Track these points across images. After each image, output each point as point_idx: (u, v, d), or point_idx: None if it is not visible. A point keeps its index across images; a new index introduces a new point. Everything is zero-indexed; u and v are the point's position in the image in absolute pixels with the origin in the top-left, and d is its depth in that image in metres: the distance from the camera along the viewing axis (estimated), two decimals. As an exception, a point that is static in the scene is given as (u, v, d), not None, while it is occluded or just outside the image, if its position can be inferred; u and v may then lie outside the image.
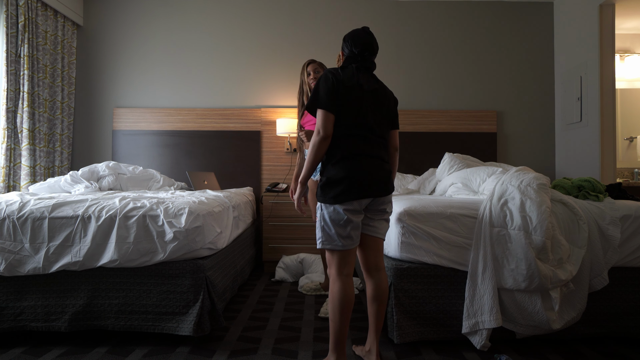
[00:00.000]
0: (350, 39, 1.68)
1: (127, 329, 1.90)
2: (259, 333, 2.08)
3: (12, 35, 3.14)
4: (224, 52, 3.97)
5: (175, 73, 3.96)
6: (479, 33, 4.01)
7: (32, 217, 1.91)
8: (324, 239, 1.57)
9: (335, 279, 1.57)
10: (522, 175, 2.04)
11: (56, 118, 3.62)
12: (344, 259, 1.58)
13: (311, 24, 3.98)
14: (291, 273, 3.19)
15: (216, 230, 2.16)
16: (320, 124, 1.53)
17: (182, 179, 3.81)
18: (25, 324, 1.90)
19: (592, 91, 3.42)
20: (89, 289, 1.92)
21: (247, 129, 3.89)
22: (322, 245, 1.57)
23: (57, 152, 3.63)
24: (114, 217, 1.90)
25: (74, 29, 3.86)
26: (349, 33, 1.71)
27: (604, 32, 3.32)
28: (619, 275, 1.94)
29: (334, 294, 1.56)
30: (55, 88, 3.61)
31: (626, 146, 4.13)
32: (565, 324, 1.82)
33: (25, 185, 3.20)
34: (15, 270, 1.88)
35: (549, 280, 1.75)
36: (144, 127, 3.89)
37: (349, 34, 1.70)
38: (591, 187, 2.14)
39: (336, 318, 1.55)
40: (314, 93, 1.59)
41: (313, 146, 1.53)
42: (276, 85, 3.96)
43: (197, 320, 1.84)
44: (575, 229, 1.92)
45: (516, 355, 1.82)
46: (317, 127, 1.53)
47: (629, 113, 4.14)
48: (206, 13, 3.98)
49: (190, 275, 1.90)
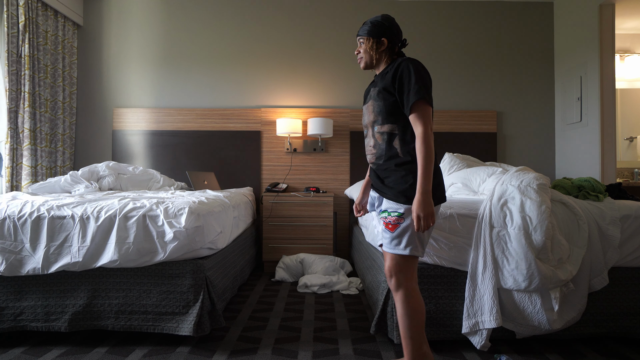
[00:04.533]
0: (394, 27, 1.57)
1: (127, 329, 1.90)
2: (259, 333, 2.08)
3: (12, 35, 3.15)
4: (224, 52, 3.97)
5: (176, 73, 3.96)
6: (479, 33, 4.01)
7: (32, 217, 1.91)
8: (414, 245, 1.46)
9: (415, 290, 1.49)
10: (522, 175, 2.04)
11: (58, 118, 3.62)
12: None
13: (311, 24, 3.98)
14: (291, 273, 3.19)
15: (216, 230, 2.16)
16: (429, 120, 1.43)
17: (182, 179, 3.81)
18: (25, 324, 1.90)
19: (592, 91, 3.42)
20: (89, 289, 1.92)
21: (247, 129, 3.90)
22: (410, 252, 1.45)
23: (59, 152, 3.63)
24: (113, 218, 1.90)
25: (75, 29, 3.86)
26: (388, 19, 1.58)
27: (604, 32, 3.32)
28: (619, 275, 1.94)
29: (419, 306, 1.48)
30: (57, 88, 3.61)
31: (626, 146, 4.13)
32: (565, 324, 1.81)
33: (27, 185, 3.21)
34: (16, 270, 1.88)
35: (549, 280, 1.75)
36: (144, 127, 3.89)
37: (389, 20, 1.58)
38: (591, 187, 2.14)
39: (420, 331, 1.47)
40: (421, 81, 1.44)
41: (431, 147, 1.40)
42: (276, 85, 3.96)
43: (197, 320, 1.84)
44: (575, 229, 1.92)
45: (516, 355, 1.82)
46: (428, 124, 1.42)
47: (629, 113, 4.14)
48: (206, 13, 3.98)
49: (190, 275, 1.90)
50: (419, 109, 1.43)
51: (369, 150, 1.60)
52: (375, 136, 1.55)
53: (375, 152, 1.56)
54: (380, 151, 1.54)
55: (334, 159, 3.89)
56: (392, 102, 1.49)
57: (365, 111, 1.60)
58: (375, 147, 1.56)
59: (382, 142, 1.53)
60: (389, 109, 1.50)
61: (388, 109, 1.50)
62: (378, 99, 1.52)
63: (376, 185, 1.58)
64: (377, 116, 1.53)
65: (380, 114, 1.52)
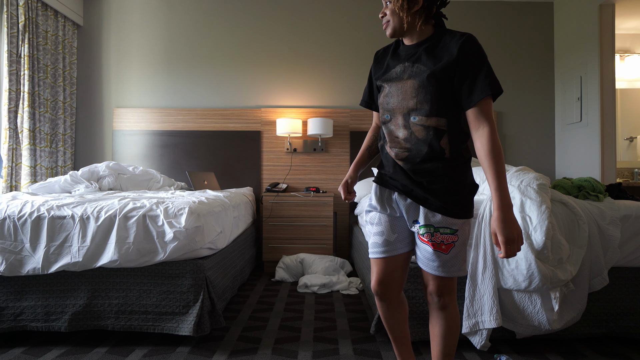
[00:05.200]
0: None
1: (127, 329, 1.90)
2: (259, 333, 2.08)
3: (12, 35, 3.15)
4: (224, 52, 3.97)
5: (176, 73, 3.96)
6: (479, 33, 4.01)
7: (32, 217, 1.91)
8: (464, 260, 1.24)
9: (457, 306, 1.30)
10: (522, 175, 2.04)
11: (58, 118, 3.62)
12: None
13: (311, 24, 3.98)
14: (291, 273, 3.19)
15: (216, 230, 2.16)
16: (492, 115, 1.14)
17: (182, 179, 3.81)
18: (25, 324, 1.90)
19: (592, 91, 3.42)
20: (89, 289, 1.92)
21: (247, 129, 3.90)
22: (465, 271, 1.26)
23: (59, 152, 3.63)
24: (113, 218, 1.90)
25: (74, 29, 3.86)
26: None
27: (604, 32, 3.32)
28: (619, 275, 1.94)
29: (458, 324, 1.31)
30: (57, 88, 3.61)
31: (626, 146, 4.13)
32: (565, 324, 1.81)
33: (26, 185, 3.21)
34: (16, 270, 1.88)
35: (549, 280, 1.75)
36: (144, 127, 3.89)
37: None
38: (591, 187, 2.14)
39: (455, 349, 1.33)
40: (491, 70, 1.13)
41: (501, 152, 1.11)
42: (276, 85, 3.96)
43: (197, 320, 1.84)
44: (575, 229, 1.92)
45: (516, 355, 1.82)
46: (492, 120, 1.12)
47: (629, 113, 4.14)
48: (206, 13, 3.98)
49: (190, 275, 1.90)
50: (486, 105, 1.12)
51: (396, 143, 1.24)
52: (411, 127, 1.19)
53: (410, 148, 1.21)
54: (418, 148, 1.19)
55: (334, 159, 3.89)
56: (447, 89, 1.15)
57: (396, 92, 1.22)
58: (408, 141, 1.21)
59: (423, 137, 1.18)
60: (442, 98, 1.15)
61: (441, 98, 1.15)
62: (429, 82, 1.15)
63: (411, 190, 1.23)
64: (422, 104, 1.17)
65: (428, 103, 1.16)
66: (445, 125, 1.17)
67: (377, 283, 1.32)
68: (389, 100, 1.25)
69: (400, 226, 1.30)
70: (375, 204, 1.33)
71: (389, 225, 1.30)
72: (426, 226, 1.21)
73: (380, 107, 1.29)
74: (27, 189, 3.14)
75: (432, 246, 1.20)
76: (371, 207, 1.36)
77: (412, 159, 1.21)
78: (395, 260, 1.31)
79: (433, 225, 1.20)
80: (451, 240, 1.20)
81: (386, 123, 1.27)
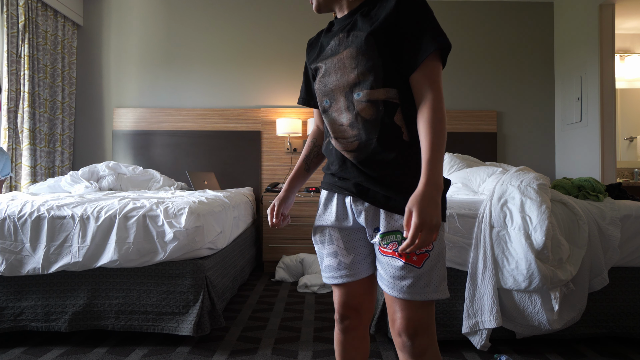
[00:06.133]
0: None
1: (127, 329, 1.90)
2: (259, 333, 2.08)
3: (12, 35, 3.15)
4: (224, 52, 3.97)
5: (176, 73, 3.96)
6: (479, 33, 4.01)
7: (32, 218, 1.91)
8: (443, 278, 0.94)
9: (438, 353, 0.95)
10: (522, 175, 2.04)
11: (57, 118, 3.62)
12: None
13: (311, 24, 3.98)
14: (291, 273, 3.19)
15: (216, 230, 2.16)
16: (440, 81, 0.91)
17: (182, 179, 3.81)
18: (25, 324, 1.90)
19: (592, 91, 3.42)
20: (89, 289, 1.92)
21: (247, 129, 3.90)
22: (444, 293, 0.94)
23: (57, 152, 3.63)
24: (113, 218, 1.90)
25: (74, 29, 3.86)
26: None
27: (604, 32, 3.32)
28: (619, 275, 1.94)
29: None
30: (56, 88, 3.61)
31: (626, 146, 4.13)
32: (565, 324, 1.81)
33: (26, 185, 3.21)
34: (16, 270, 1.88)
35: (549, 280, 1.75)
36: (144, 127, 3.89)
37: None
38: (591, 187, 2.14)
39: None
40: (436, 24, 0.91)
41: (445, 121, 0.88)
42: (276, 85, 3.96)
43: (197, 320, 1.84)
44: (575, 229, 1.92)
45: (516, 355, 1.82)
46: (441, 87, 0.91)
47: (629, 113, 4.14)
48: (206, 13, 3.98)
49: (190, 275, 1.90)
50: (432, 68, 0.90)
51: (342, 132, 0.99)
52: (356, 107, 0.96)
53: (358, 135, 0.96)
54: (368, 132, 0.94)
55: (334, 159, 3.89)
56: (391, 53, 0.93)
57: (333, 68, 0.99)
58: (355, 126, 0.96)
59: (372, 116, 0.94)
60: (387, 65, 0.92)
61: (386, 64, 0.92)
62: (368, 47, 0.92)
63: (367, 190, 0.96)
64: (364, 74, 0.94)
65: (371, 72, 0.93)
66: (396, 96, 0.93)
67: (343, 305, 1.06)
68: (326, 80, 1.01)
69: (357, 242, 1.04)
70: (323, 219, 1.07)
71: (343, 243, 1.04)
72: (390, 233, 0.93)
73: (318, 93, 1.05)
74: (27, 189, 3.14)
75: (401, 257, 0.91)
76: (319, 222, 1.08)
77: (363, 148, 0.95)
78: (358, 284, 1.05)
79: (399, 232, 0.92)
80: (425, 249, 0.91)
81: (327, 111, 1.03)
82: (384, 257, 0.95)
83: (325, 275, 1.08)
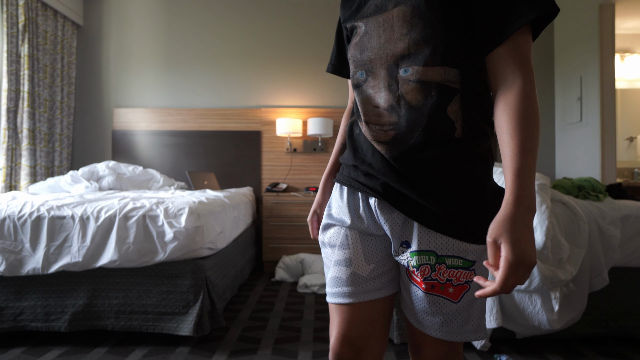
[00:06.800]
0: None
1: (127, 329, 1.90)
2: (259, 333, 2.08)
3: (12, 35, 3.14)
4: (224, 51, 3.97)
5: (176, 73, 3.96)
6: (479, 33, 4.01)
7: (32, 218, 1.91)
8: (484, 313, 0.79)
9: None
10: (522, 175, 2.03)
11: (56, 118, 3.62)
12: None
13: (311, 24, 3.98)
14: (291, 273, 3.19)
15: (216, 230, 2.16)
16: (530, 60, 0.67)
17: (182, 179, 3.81)
18: (25, 324, 1.90)
19: (592, 91, 3.42)
20: (89, 289, 1.92)
21: (247, 129, 3.89)
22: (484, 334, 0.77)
23: (56, 152, 3.63)
24: (113, 218, 1.90)
25: (74, 29, 3.86)
26: None
27: (604, 32, 3.32)
28: (619, 275, 1.94)
29: None
30: (55, 88, 3.61)
31: (626, 146, 4.13)
32: (565, 324, 1.81)
33: (26, 185, 3.21)
34: (16, 270, 1.88)
35: (549, 280, 1.75)
36: (144, 127, 3.89)
37: None
38: (591, 187, 2.14)
39: None
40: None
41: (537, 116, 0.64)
42: (276, 85, 3.96)
43: (197, 320, 1.84)
44: (576, 229, 1.92)
45: (516, 355, 1.82)
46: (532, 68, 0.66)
47: (629, 113, 4.14)
48: (206, 13, 3.98)
49: (190, 275, 1.90)
50: (524, 39, 0.66)
51: (376, 116, 0.76)
52: (400, 88, 0.72)
53: (397, 123, 0.73)
54: (411, 122, 0.72)
55: (334, 159, 3.89)
56: (460, 19, 0.70)
57: (376, 30, 0.74)
58: (394, 111, 0.73)
59: (419, 102, 0.71)
60: (452, 34, 0.69)
61: (451, 34, 0.69)
62: (428, 8, 0.69)
63: (398, 194, 0.74)
64: (418, 45, 0.70)
65: (429, 42, 0.69)
66: (457, 80, 0.70)
67: (341, 342, 0.79)
68: (364, 45, 0.76)
69: (379, 251, 0.80)
70: (338, 214, 0.82)
71: (362, 248, 0.80)
72: (423, 253, 0.72)
73: (352, 61, 0.79)
74: (26, 188, 3.14)
75: (432, 289, 0.73)
76: (330, 220, 0.84)
77: (400, 141, 0.72)
78: (372, 308, 0.79)
79: (435, 253, 0.72)
80: (464, 278, 0.72)
81: (360, 86, 0.78)
82: (413, 285, 0.77)
83: (330, 290, 0.82)
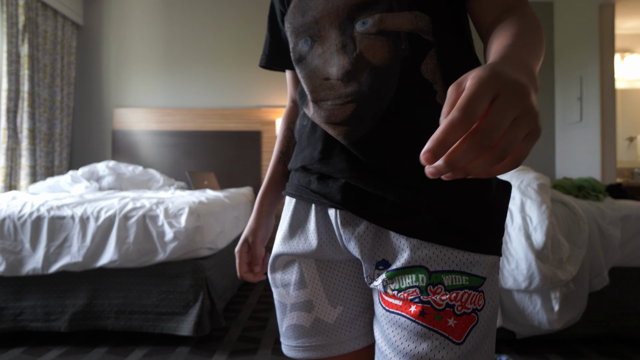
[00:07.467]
0: None
1: (127, 329, 1.90)
2: (259, 333, 2.07)
3: (12, 35, 3.14)
4: (224, 51, 3.96)
5: (175, 73, 3.96)
6: (479, 33, 4.01)
7: (32, 218, 1.91)
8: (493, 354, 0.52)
9: None
10: (522, 175, 2.04)
11: (55, 118, 3.62)
12: None
13: (311, 24, 3.98)
14: (291, 273, 3.19)
15: (216, 230, 2.16)
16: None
17: (182, 179, 3.81)
18: (25, 324, 1.90)
19: (592, 91, 3.42)
20: (89, 289, 1.92)
21: (247, 129, 3.89)
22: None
23: (56, 152, 3.63)
24: (113, 218, 1.90)
25: (74, 29, 3.86)
26: None
27: (604, 32, 3.32)
28: (619, 275, 1.94)
29: None
30: (55, 88, 3.61)
31: (626, 146, 4.13)
32: (565, 324, 1.81)
33: (26, 185, 3.21)
34: (16, 270, 1.88)
35: (549, 280, 1.75)
36: (144, 127, 3.89)
37: None
38: (591, 187, 2.14)
39: None
40: None
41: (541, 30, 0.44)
42: (276, 85, 3.96)
43: (197, 320, 1.84)
44: (576, 229, 1.92)
45: (516, 355, 1.82)
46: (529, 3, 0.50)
47: (629, 113, 4.14)
48: (206, 13, 3.98)
49: (190, 275, 1.90)
50: None
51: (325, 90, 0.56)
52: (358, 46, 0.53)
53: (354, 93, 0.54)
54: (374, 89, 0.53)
55: (334, 158, 3.89)
56: None
57: None
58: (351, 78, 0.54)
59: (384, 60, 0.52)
60: None
61: None
62: None
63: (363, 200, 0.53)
64: None
65: None
66: (429, 29, 0.52)
67: None
68: (306, 3, 0.57)
69: (347, 285, 0.61)
70: (287, 240, 0.62)
71: (321, 286, 0.60)
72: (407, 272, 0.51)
73: (291, 30, 0.60)
74: (26, 188, 3.14)
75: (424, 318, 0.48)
76: (280, 248, 0.63)
77: (361, 116, 0.53)
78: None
79: (426, 269, 0.50)
80: (472, 305, 0.48)
81: (304, 59, 0.59)
82: (390, 315, 0.51)
83: (286, 343, 0.62)
